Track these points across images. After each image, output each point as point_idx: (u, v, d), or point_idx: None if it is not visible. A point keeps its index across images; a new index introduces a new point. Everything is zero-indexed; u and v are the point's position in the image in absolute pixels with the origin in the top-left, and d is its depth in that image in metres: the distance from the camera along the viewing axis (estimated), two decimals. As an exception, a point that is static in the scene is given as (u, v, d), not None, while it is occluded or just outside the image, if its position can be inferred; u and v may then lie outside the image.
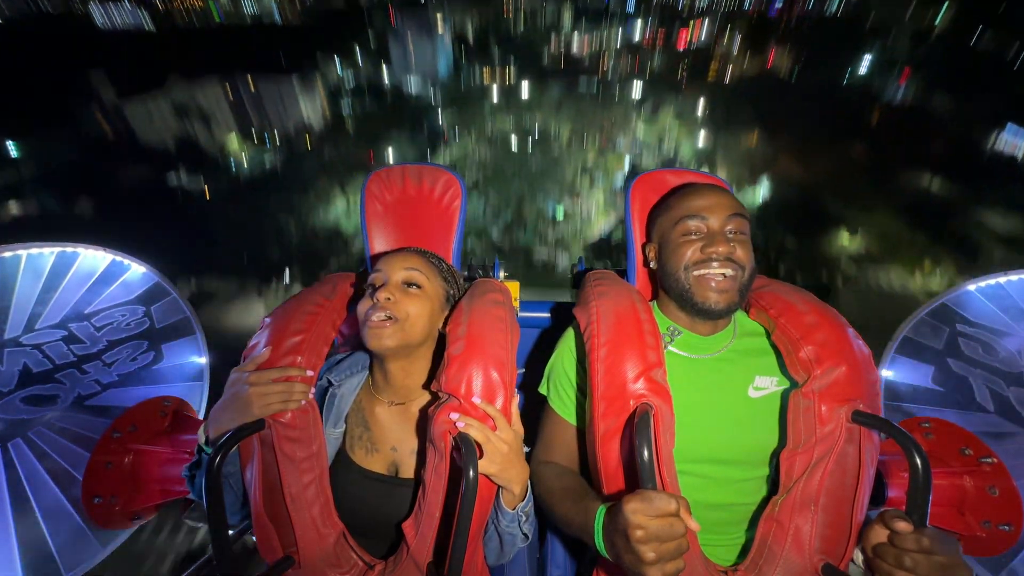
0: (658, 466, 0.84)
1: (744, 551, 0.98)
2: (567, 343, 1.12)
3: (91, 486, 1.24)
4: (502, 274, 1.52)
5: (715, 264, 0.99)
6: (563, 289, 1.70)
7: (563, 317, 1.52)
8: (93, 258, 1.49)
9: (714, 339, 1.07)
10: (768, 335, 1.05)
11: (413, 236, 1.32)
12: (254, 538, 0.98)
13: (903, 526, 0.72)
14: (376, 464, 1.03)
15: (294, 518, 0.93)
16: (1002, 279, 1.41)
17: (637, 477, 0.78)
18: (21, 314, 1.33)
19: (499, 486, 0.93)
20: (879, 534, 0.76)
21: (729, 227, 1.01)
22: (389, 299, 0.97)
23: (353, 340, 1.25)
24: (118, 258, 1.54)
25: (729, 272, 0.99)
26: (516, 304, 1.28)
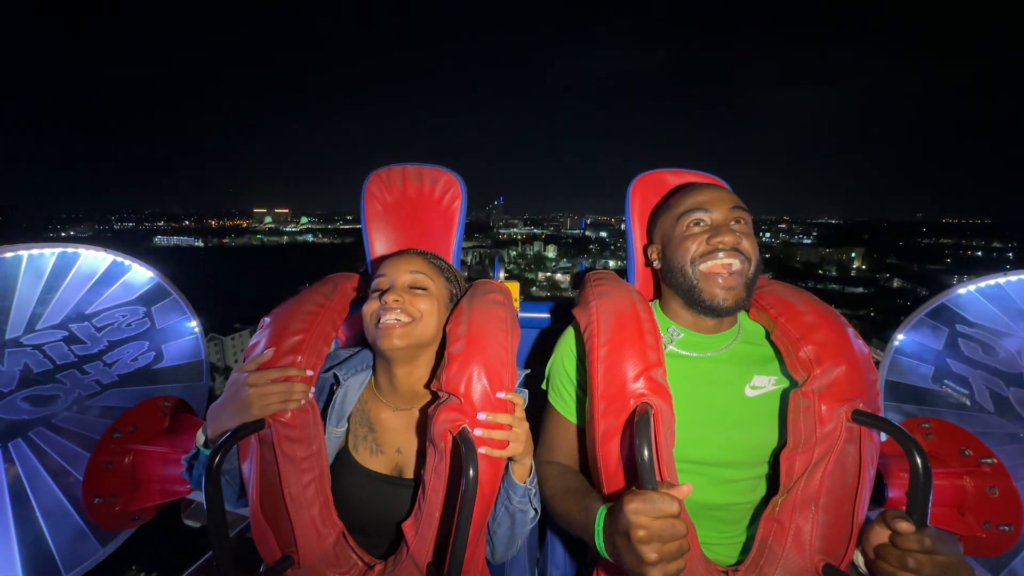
0: (658, 465, 0.84)
1: (744, 550, 0.98)
2: (567, 342, 1.12)
3: (91, 486, 1.24)
4: (502, 274, 1.53)
5: (721, 255, 0.98)
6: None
7: (563, 317, 1.52)
8: (94, 259, 1.49)
9: (716, 338, 1.07)
10: (768, 335, 1.06)
11: (413, 236, 1.32)
12: (253, 538, 0.98)
13: (905, 526, 0.72)
14: (380, 465, 1.03)
15: (294, 518, 0.93)
16: (1002, 279, 1.40)
17: (637, 476, 0.78)
18: (22, 314, 1.33)
19: (508, 462, 0.95)
20: (880, 534, 0.76)
21: (733, 219, 1.01)
22: (398, 301, 0.97)
23: (354, 341, 1.25)
24: (119, 259, 1.54)
25: (736, 263, 0.98)
26: (516, 304, 1.28)
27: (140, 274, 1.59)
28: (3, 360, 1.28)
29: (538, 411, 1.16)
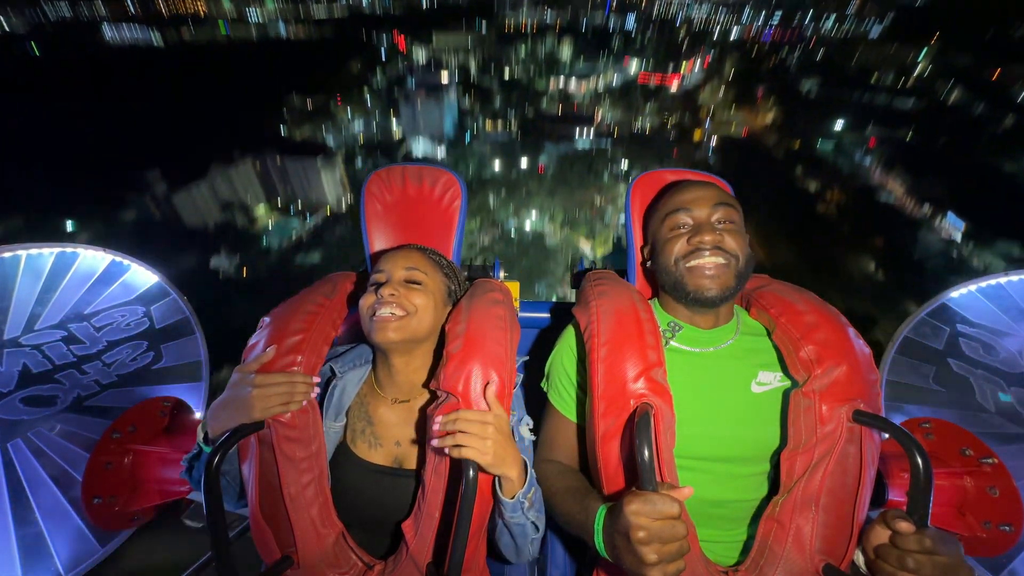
0: (658, 466, 0.84)
1: (744, 550, 0.98)
2: (567, 341, 1.12)
3: (91, 486, 1.24)
4: (502, 274, 1.52)
5: (706, 254, 0.99)
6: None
7: (563, 317, 1.52)
8: (93, 258, 1.49)
9: (716, 333, 1.07)
10: (769, 334, 1.05)
11: (413, 236, 1.32)
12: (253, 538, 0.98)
13: (905, 526, 0.72)
14: (379, 457, 1.03)
15: (293, 518, 0.93)
16: (1002, 279, 1.40)
17: (637, 477, 0.77)
18: (21, 314, 1.33)
19: (496, 477, 0.90)
20: (880, 535, 0.76)
21: (716, 216, 1.01)
22: (393, 295, 0.97)
23: (352, 339, 1.25)
24: (117, 258, 1.53)
25: (720, 261, 0.99)
26: (516, 304, 1.28)
27: (139, 274, 1.59)
28: (2, 360, 1.27)
29: (538, 410, 1.16)
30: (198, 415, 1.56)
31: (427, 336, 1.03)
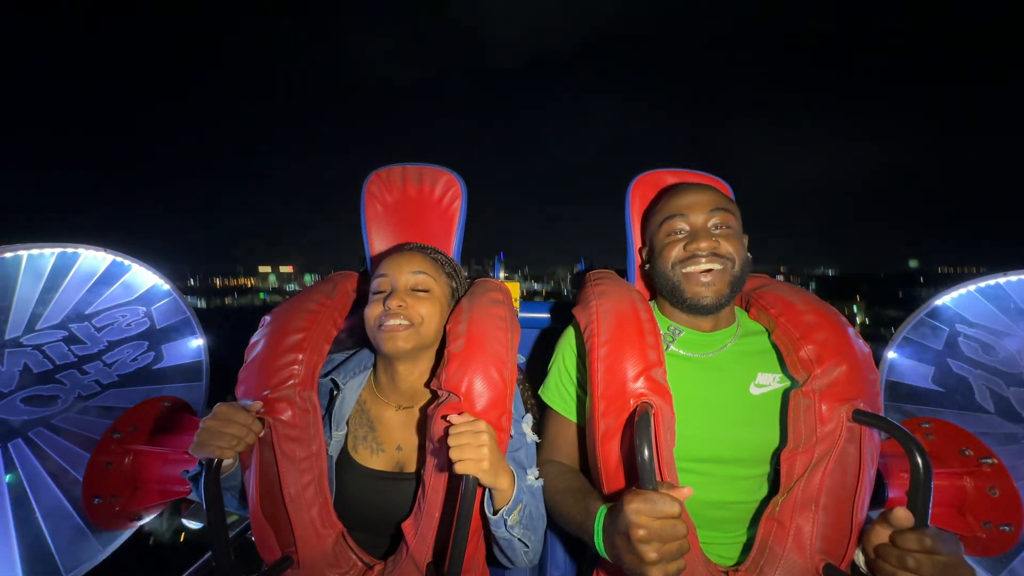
0: (658, 465, 0.84)
1: (745, 549, 0.98)
2: (568, 340, 1.12)
3: (91, 486, 1.24)
4: (502, 274, 1.52)
5: (702, 260, 0.99)
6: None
7: (563, 317, 1.52)
8: (94, 259, 1.48)
9: (715, 336, 1.07)
10: (769, 334, 1.06)
11: (413, 237, 1.32)
12: (253, 538, 0.98)
13: (904, 516, 0.72)
14: (380, 463, 1.03)
15: (293, 518, 0.93)
16: (1002, 279, 1.40)
17: (637, 476, 0.78)
18: (21, 314, 1.33)
19: (487, 489, 0.89)
20: (880, 534, 0.76)
21: (712, 222, 1.01)
22: (401, 306, 0.96)
23: (354, 339, 1.25)
24: (119, 259, 1.53)
25: (716, 267, 0.99)
26: (516, 304, 1.28)
27: (140, 274, 1.59)
28: (3, 360, 1.27)
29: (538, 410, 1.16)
30: (198, 415, 1.56)
31: (434, 341, 1.03)
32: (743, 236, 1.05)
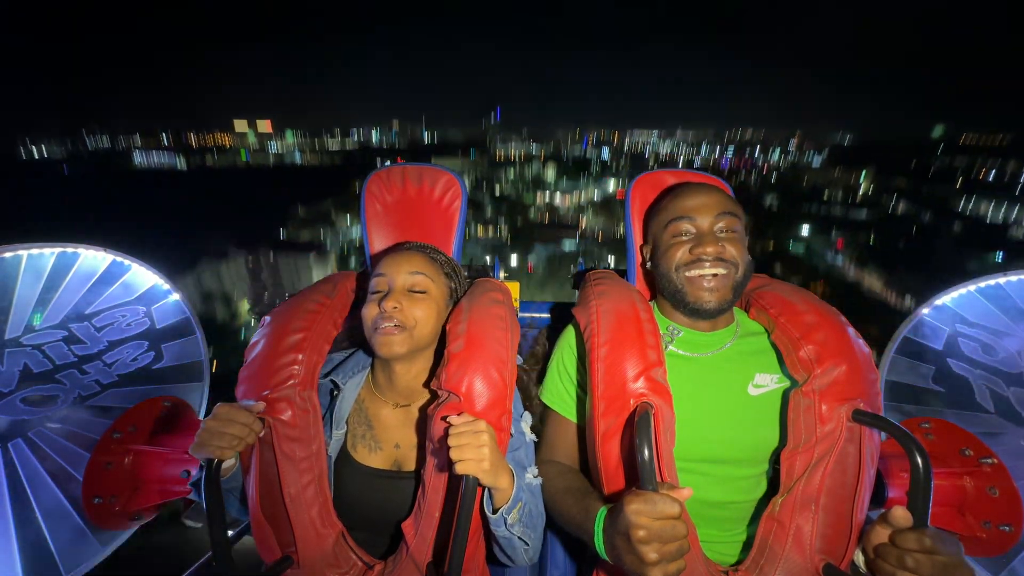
0: (658, 465, 0.84)
1: (744, 548, 0.98)
2: (567, 340, 1.12)
3: (91, 486, 1.24)
4: (502, 274, 1.53)
5: (707, 264, 0.99)
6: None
7: (563, 317, 1.52)
8: (93, 258, 1.49)
9: (714, 336, 1.07)
10: (768, 334, 1.06)
11: (413, 237, 1.32)
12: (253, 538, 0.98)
13: (902, 515, 0.72)
14: (379, 461, 1.03)
15: (293, 518, 0.93)
16: (1002, 279, 1.40)
17: (637, 477, 0.78)
18: (21, 314, 1.33)
19: (486, 488, 0.89)
20: (880, 534, 0.76)
21: (719, 225, 1.01)
22: (396, 307, 0.96)
23: (354, 338, 1.25)
24: (118, 258, 1.53)
25: (721, 271, 0.99)
26: (516, 304, 1.28)
27: (140, 274, 1.59)
28: (3, 360, 1.28)
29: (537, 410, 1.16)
30: (198, 415, 1.56)
31: (430, 342, 1.03)
32: (746, 239, 1.05)
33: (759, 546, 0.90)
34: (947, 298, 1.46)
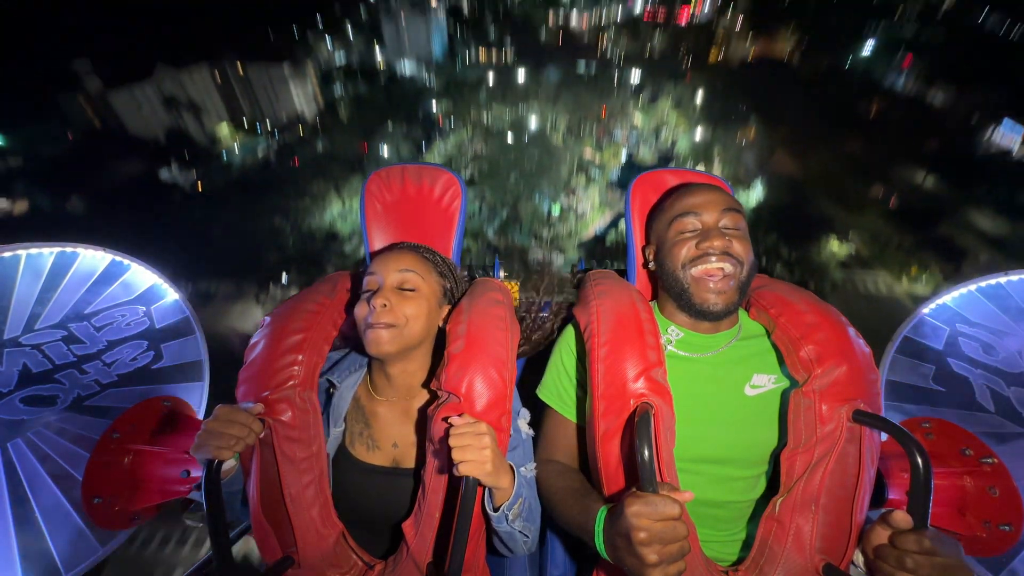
0: (658, 466, 0.84)
1: (743, 547, 0.98)
2: (567, 340, 1.12)
3: (91, 486, 1.24)
4: (502, 274, 1.52)
5: (713, 259, 0.98)
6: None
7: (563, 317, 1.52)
8: (93, 258, 1.49)
9: (715, 338, 1.07)
10: (768, 334, 1.05)
11: (413, 236, 1.32)
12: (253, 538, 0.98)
13: (902, 518, 0.72)
14: (377, 459, 1.03)
15: (294, 519, 0.93)
16: (1002, 279, 1.40)
17: (637, 477, 0.77)
18: (21, 314, 1.33)
19: (487, 488, 0.89)
20: (880, 535, 0.76)
21: (724, 221, 1.01)
22: (385, 305, 0.96)
23: (354, 339, 1.25)
24: (118, 258, 1.53)
25: (728, 267, 0.98)
26: (516, 304, 1.28)
27: (139, 274, 1.59)
28: (2, 360, 1.27)
29: (537, 410, 1.16)
30: (198, 415, 1.56)
31: (422, 341, 1.02)
32: (749, 239, 1.04)
33: (759, 546, 0.90)
34: (948, 297, 1.46)
